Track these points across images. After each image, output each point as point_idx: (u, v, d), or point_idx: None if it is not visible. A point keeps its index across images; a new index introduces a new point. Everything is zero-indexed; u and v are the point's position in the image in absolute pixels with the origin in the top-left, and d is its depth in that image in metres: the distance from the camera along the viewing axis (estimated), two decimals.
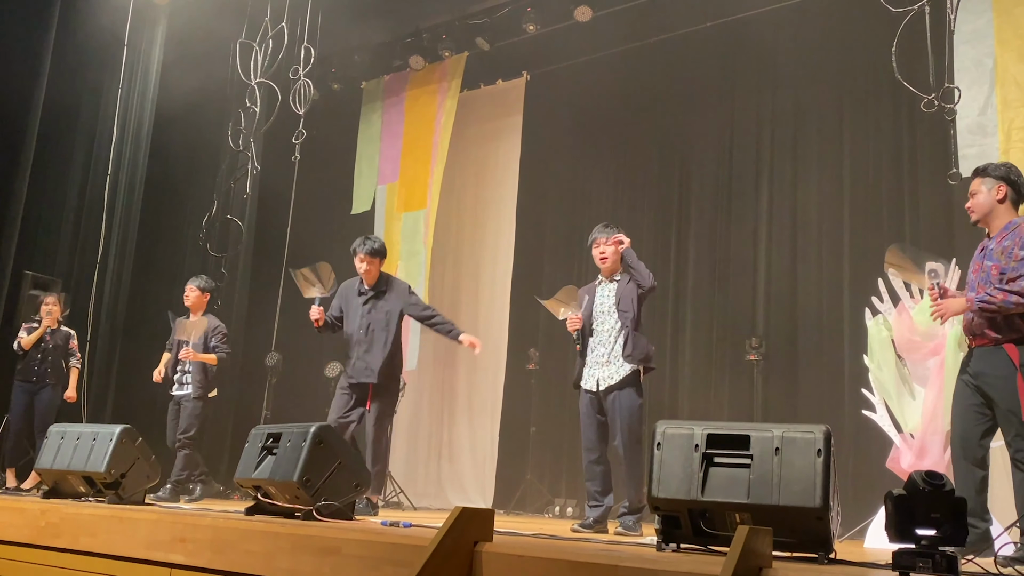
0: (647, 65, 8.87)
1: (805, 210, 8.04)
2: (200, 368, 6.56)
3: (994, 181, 3.83)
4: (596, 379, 4.94)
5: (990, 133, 6.09)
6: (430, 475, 9.57)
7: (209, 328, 6.65)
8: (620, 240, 5.07)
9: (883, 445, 5.89)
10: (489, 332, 9.46)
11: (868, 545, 4.86)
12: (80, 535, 3.55)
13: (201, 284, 6.84)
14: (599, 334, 5.02)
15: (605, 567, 2.18)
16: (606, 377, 4.91)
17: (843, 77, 7.91)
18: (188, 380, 6.59)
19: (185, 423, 6.49)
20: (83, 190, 8.34)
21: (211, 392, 6.69)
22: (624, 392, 4.84)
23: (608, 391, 4.88)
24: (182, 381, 6.64)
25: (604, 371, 4.93)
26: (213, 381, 6.70)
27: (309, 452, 3.62)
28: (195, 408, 6.50)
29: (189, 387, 6.57)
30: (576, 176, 9.51)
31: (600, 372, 4.94)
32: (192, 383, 6.55)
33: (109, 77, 8.57)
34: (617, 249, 5.06)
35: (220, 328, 6.74)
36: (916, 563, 2.17)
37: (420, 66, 9.87)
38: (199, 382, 6.54)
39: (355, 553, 2.67)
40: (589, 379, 4.98)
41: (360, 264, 5.84)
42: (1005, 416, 3.64)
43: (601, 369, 4.94)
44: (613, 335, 4.97)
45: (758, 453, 2.62)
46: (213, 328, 6.68)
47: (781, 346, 7.86)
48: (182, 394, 6.60)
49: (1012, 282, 3.61)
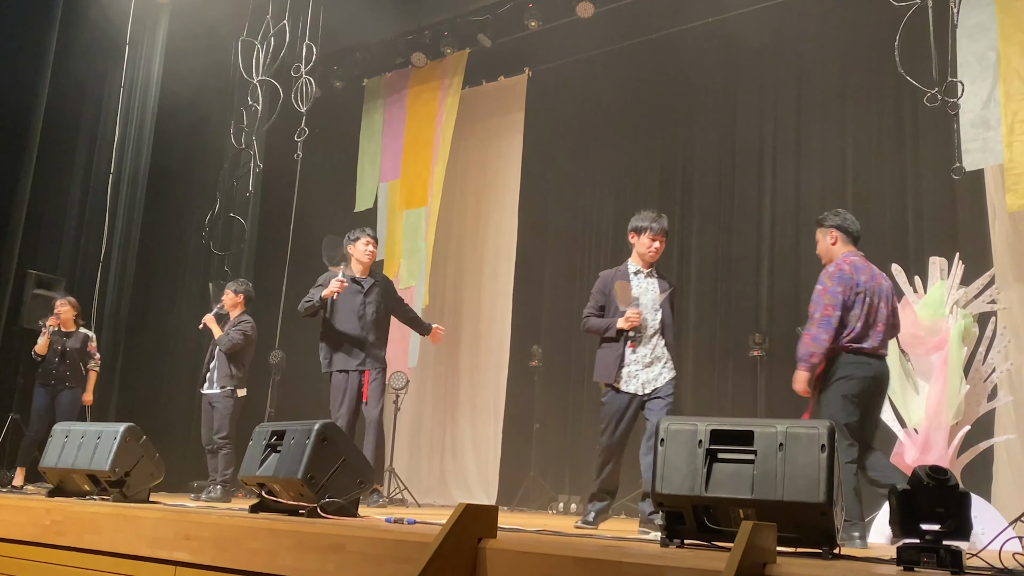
0: (649, 60, 8.86)
1: (808, 205, 8.02)
2: (225, 363, 6.68)
3: (826, 229, 4.55)
4: (641, 382, 4.67)
5: (993, 127, 6.08)
6: (433, 472, 9.58)
7: (236, 321, 6.85)
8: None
9: (887, 440, 5.89)
10: (492, 329, 9.47)
11: (873, 540, 4.85)
12: (85, 533, 3.55)
13: (235, 288, 7.01)
14: (644, 331, 4.72)
15: (610, 563, 2.18)
16: (651, 380, 4.68)
17: (846, 72, 7.89)
18: (215, 378, 6.74)
19: (218, 424, 6.63)
20: (86, 189, 8.36)
21: (241, 391, 6.78)
22: (668, 400, 4.65)
23: (652, 395, 4.67)
24: (211, 379, 6.78)
25: (647, 374, 4.69)
26: (243, 379, 6.80)
27: (313, 449, 3.63)
28: (226, 408, 6.64)
29: (216, 384, 6.72)
30: (578, 172, 9.50)
31: (644, 375, 4.68)
32: (218, 379, 6.70)
33: (111, 75, 8.58)
34: (662, 246, 4.87)
35: (246, 321, 6.87)
36: (921, 558, 2.17)
37: (422, 63, 9.87)
38: (225, 374, 6.66)
39: (359, 550, 2.67)
40: (631, 381, 4.68)
41: (367, 248, 5.89)
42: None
43: (644, 371, 4.68)
44: (653, 336, 4.74)
45: (762, 449, 2.62)
46: (240, 320, 6.85)
47: (785, 342, 7.83)
48: (211, 393, 6.73)
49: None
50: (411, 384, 9.27)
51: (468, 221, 9.91)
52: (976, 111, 6.15)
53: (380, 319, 5.94)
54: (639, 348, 4.68)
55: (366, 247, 5.91)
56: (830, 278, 4.34)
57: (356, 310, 5.84)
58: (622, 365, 4.67)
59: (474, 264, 9.81)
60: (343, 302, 5.87)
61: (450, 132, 9.46)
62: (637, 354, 4.68)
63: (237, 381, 6.73)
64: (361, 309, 5.83)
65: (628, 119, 9.17)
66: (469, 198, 9.91)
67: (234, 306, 6.95)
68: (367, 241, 5.92)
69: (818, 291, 4.36)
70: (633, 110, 9.13)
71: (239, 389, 6.75)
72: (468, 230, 9.90)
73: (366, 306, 5.84)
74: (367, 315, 5.83)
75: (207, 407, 6.77)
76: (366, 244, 5.91)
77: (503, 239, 9.54)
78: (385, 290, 6.06)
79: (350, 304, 5.86)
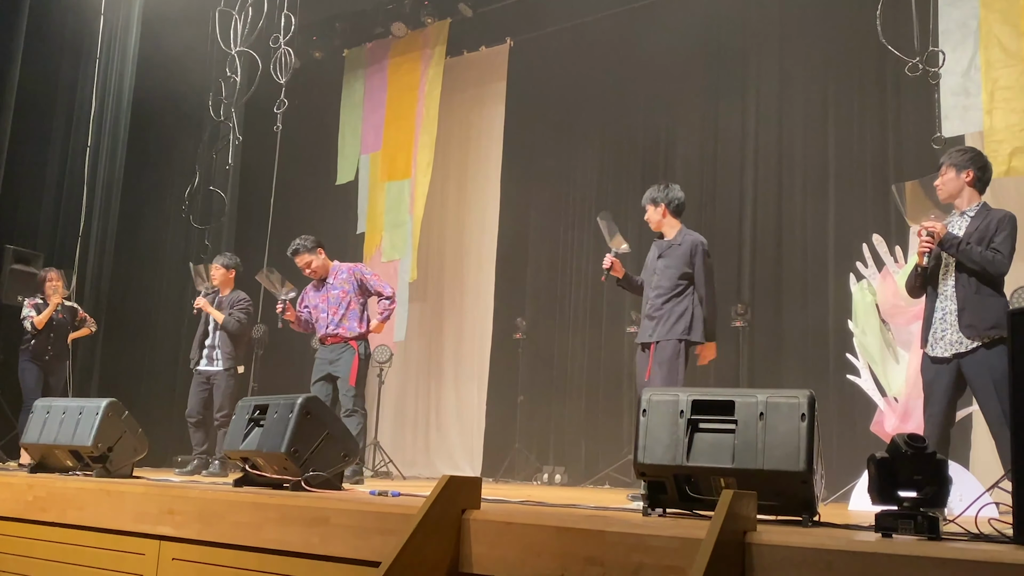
0: (630, 30, 8.80)
1: (790, 176, 8.04)
2: (228, 342, 6.64)
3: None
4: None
5: (973, 94, 6.09)
6: (418, 445, 9.62)
7: (235, 299, 6.77)
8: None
9: (867, 409, 5.95)
10: (477, 301, 9.48)
11: (853, 507, 4.92)
12: (68, 509, 3.55)
13: (225, 262, 6.91)
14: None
15: (592, 532, 2.19)
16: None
17: (828, 42, 7.87)
18: (218, 356, 6.66)
19: (219, 401, 6.58)
20: (64, 164, 8.25)
21: (240, 367, 6.77)
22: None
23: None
24: (212, 357, 6.69)
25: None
26: (241, 356, 6.78)
27: (296, 423, 3.62)
28: (228, 386, 6.60)
29: (220, 362, 6.64)
30: (560, 142, 9.46)
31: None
32: (222, 357, 6.64)
33: (87, 47, 8.43)
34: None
35: (245, 299, 6.83)
36: (898, 524, 2.20)
37: (402, 33, 9.76)
38: (228, 354, 6.62)
39: (343, 523, 2.68)
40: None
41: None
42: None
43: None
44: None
45: (743, 418, 2.64)
46: (238, 299, 6.78)
47: (766, 312, 7.90)
48: (212, 370, 6.66)
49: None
50: (395, 357, 9.27)
51: (450, 192, 9.87)
52: (956, 79, 6.16)
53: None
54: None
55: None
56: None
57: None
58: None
59: (456, 236, 9.79)
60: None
61: (435, 103, 9.39)
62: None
63: (237, 359, 6.72)
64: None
65: (610, 89, 9.13)
66: (451, 169, 9.86)
67: (225, 282, 6.85)
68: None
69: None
70: (615, 80, 9.08)
71: (239, 367, 6.74)
72: (450, 202, 9.86)
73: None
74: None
75: (202, 383, 6.67)
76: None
77: (485, 211, 9.52)
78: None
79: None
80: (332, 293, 5.82)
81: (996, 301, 3.82)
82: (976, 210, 4.00)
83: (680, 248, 4.90)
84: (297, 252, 5.89)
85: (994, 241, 3.84)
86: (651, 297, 4.90)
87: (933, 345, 3.94)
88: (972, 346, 3.81)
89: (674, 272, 4.85)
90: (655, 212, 5.00)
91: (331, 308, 5.78)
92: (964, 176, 4.02)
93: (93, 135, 8.34)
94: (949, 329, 3.88)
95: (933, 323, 3.96)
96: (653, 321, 4.85)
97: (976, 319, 3.80)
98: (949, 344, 3.88)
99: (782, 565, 1.94)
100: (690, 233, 4.98)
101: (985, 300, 3.82)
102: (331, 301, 5.80)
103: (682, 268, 4.85)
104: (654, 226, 5.03)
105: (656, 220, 5.00)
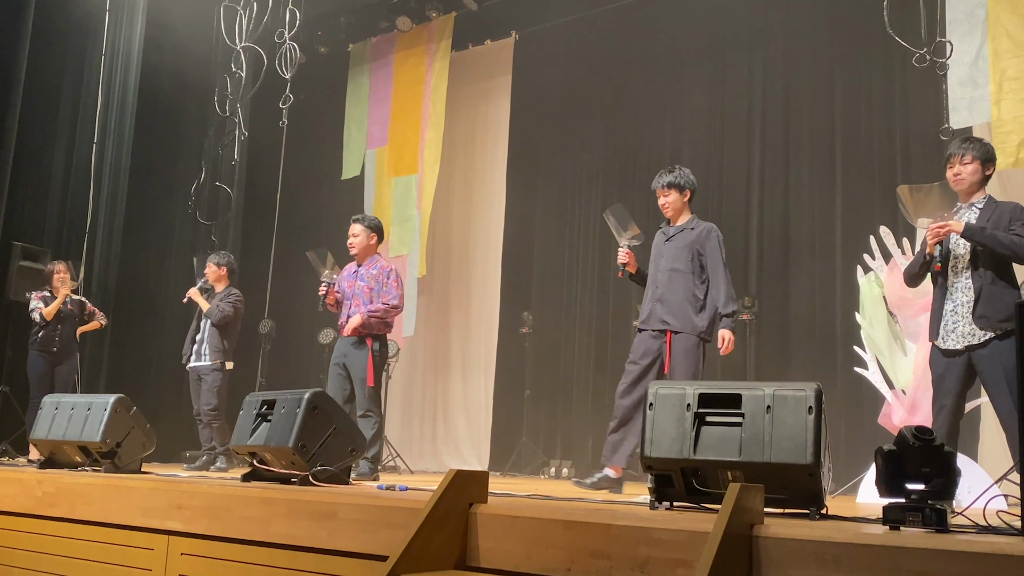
0: (636, 22, 8.77)
1: (797, 168, 8.01)
2: (216, 336, 6.66)
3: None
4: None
5: (981, 84, 6.06)
6: (426, 439, 9.63)
7: (225, 294, 6.82)
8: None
9: (875, 401, 5.94)
10: (484, 295, 9.47)
11: (861, 500, 4.91)
12: (77, 504, 3.56)
13: (218, 260, 6.97)
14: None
15: (599, 526, 2.19)
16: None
17: (834, 32, 7.84)
18: (206, 351, 6.69)
19: (206, 397, 6.62)
20: (70, 159, 8.26)
21: (229, 363, 6.78)
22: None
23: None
24: (200, 352, 6.73)
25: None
26: (230, 352, 6.79)
27: (304, 418, 3.63)
28: (215, 381, 6.63)
29: (207, 358, 6.67)
30: (567, 135, 9.45)
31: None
32: (209, 352, 6.67)
33: (92, 44, 8.44)
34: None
35: (234, 294, 6.88)
36: (906, 517, 2.19)
37: (407, 27, 9.75)
38: (215, 348, 6.65)
39: (351, 517, 2.69)
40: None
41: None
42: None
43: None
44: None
45: (750, 411, 2.63)
46: (228, 293, 6.83)
47: (773, 305, 7.88)
48: (199, 365, 6.70)
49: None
50: (403, 352, 9.28)
51: (455, 186, 9.86)
52: (964, 69, 6.13)
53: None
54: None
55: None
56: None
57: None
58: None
59: (462, 231, 9.78)
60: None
61: (441, 98, 9.38)
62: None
63: (226, 354, 6.72)
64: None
65: (616, 81, 9.11)
66: (457, 163, 9.85)
67: (218, 279, 6.91)
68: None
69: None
70: (621, 72, 9.06)
71: (227, 362, 6.75)
72: (455, 196, 9.86)
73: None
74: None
75: (195, 380, 6.74)
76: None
77: (491, 205, 9.51)
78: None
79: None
80: (359, 284, 5.69)
81: (1011, 293, 3.81)
82: (984, 202, 3.99)
83: (693, 232, 4.86)
84: (357, 220, 5.81)
85: (1012, 228, 3.82)
86: (661, 281, 4.82)
87: (944, 337, 3.93)
88: (984, 338, 3.80)
89: (686, 254, 4.80)
90: (679, 198, 4.91)
91: (355, 299, 5.66)
92: (987, 170, 4.00)
93: (99, 131, 8.35)
94: (961, 321, 3.87)
95: (944, 316, 3.94)
96: (664, 305, 4.76)
97: (990, 310, 3.79)
98: (961, 336, 3.87)
99: (789, 558, 1.94)
100: (701, 220, 4.96)
101: (1000, 292, 3.81)
102: (356, 291, 5.68)
103: (694, 249, 4.81)
104: (672, 212, 4.93)
105: (679, 206, 4.92)
